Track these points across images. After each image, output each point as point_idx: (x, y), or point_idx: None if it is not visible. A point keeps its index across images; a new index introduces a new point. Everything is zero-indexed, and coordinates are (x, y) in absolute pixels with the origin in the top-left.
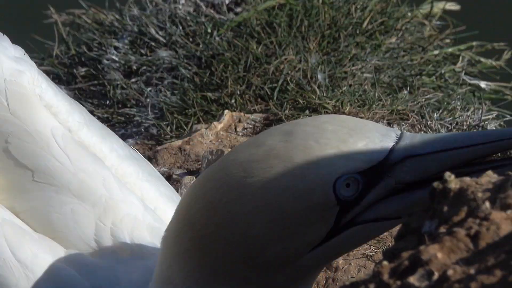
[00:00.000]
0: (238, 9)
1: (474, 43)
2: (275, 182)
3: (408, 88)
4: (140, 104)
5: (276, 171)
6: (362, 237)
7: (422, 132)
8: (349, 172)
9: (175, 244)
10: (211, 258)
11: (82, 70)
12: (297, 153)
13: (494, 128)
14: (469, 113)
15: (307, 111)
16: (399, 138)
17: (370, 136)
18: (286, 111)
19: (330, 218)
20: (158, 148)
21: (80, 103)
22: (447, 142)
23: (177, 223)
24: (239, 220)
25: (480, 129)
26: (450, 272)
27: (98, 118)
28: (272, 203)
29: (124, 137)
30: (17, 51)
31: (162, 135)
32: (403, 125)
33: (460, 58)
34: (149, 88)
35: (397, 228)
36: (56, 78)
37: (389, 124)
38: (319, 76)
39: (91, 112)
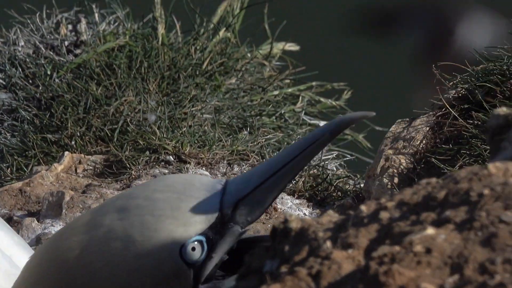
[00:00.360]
0: (78, 51)
1: (314, 83)
2: (124, 265)
3: (248, 129)
4: None
5: (121, 253)
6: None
7: None
8: (190, 237)
9: None
10: None
11: None
12: (136, 231)
13: (333, 165)
14: None
15: (147, 152)
16: (225, 187)
17: (199, 196)
18: (127, 152)
19: (188, 280)
20: None
21: None
22: (266, 170)
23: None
24: None
25: (321, 169)
26: None
27: None
28: (127, 285)
29: None
30: None
31: (2, 177)
32: (243, 165)
33: (300, 98)
34: None
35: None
36: None
37: (229, 164)
38: (152, 118)
39: None
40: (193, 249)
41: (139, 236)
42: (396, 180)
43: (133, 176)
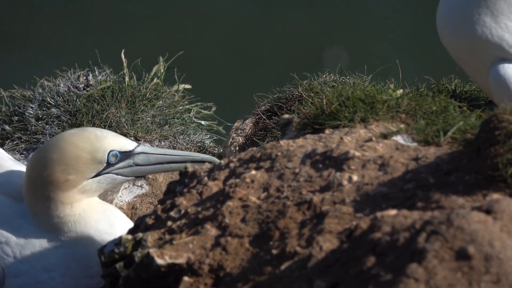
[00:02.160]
0: (88, 89)
1: (198, 103)
2: (82, 146)
3: (168, 125)
4: None
5: (83, 144)
6: (110, 179)
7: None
8: (115, 149)
9: (25, 186)
10: (35, 187)
11: None
12: (92, 137)
13: (208, 141)
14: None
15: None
16: (139, 144)
17: (127, 138)
18: None
19: (100, 167)
20: None
21: None
22: (162, 152)
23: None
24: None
25: (202, 143)
26: (189, 209)
27: None
28: (76, 156)
29: None
30: None
31: None
32: (165, 141)
33: (192, 110)
34: None
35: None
36: None
37: (159, 141)
38: (122, 120)
39: None
40: (113, 156)
41: (94, 140)
42: (237, 148)
43: None
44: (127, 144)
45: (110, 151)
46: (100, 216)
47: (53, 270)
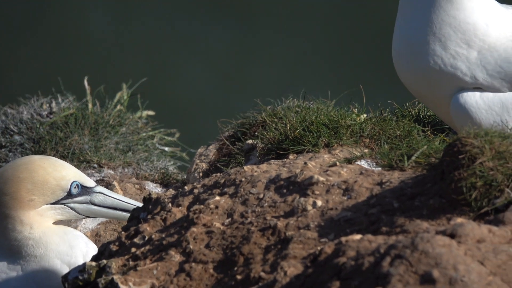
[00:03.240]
0: (51, 116)
1: (161, 130)
2: (50, 171)
3: (131, 152)
4: None
5: (51, 170)
6: (64, 211)
7: None
8: (78, 181)
9: None
10: None
11: None
12: (59, 165)
13: (172, 168)
14: None
15: (84, 163)
16: (98, 185)
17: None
18: (75, 162)
19: (61, 195)
20: None
21: None
22: (119, 198)
23: None
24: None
25: (166, 169)
26: (153, 236)
27: None
28: (44, 179)
29: None
30: None
31: None
32: (128, 168)
33: (155, 137)
34: None
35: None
36: None
37: (123, 168)
38: (86, 147)
39: None
40: (75, 187)
41: (54, 170)
42: (201, 174)
43: None
44: (88, 180)
45: (74, 181)
46: (60, 239)
47: None
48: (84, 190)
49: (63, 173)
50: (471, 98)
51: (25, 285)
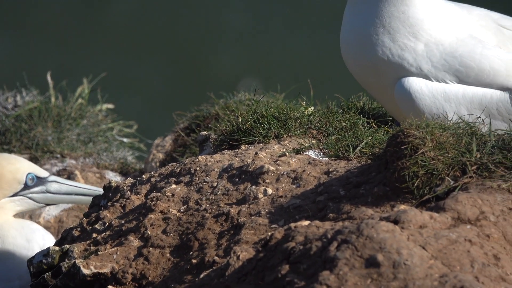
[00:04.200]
0: (16, 109)
1: (121, 121)
2: (4, 165)
3: (92, 142)
4: None
5: (5, 163)
6: (24, 202)
7: None
8: (32, 173)
9: None
10: None
11: None
12: (12, 159)
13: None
14: None
15: (47, 153)
16: (50, 175)
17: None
18: (39, 153)
19: (18, 188)
20: None
21: None
22: (73, 184)
23: None
24: None
25: (126, 159)
26: (113, 222)
27: None
28: (0, 174)
29: None
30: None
31: None
32: (89, 158)
33: (114, 128)
34: None
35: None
36: None
37: (84, 158)
38: (49, 138)
39: None
40: (30, 179)
41: (12, 163)
42: (158, 164)
43: (41, 163)
44: (42, 171)
45: (28, 173)
46: (17, 233)
47: None
48: (39, 180)
49: (17, 165)
50: (416, 84)
51: None
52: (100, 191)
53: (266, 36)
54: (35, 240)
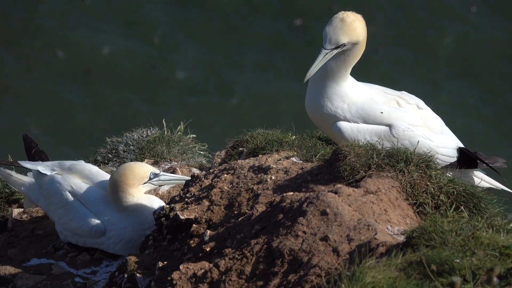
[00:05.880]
0: None
1: None
2: (138, 171)
3: None
4: None
5: (138, 170)
6: (148, 185)
7: None
8: (152, 172)
9: (109, 187)
10: (115, 187)
11: None
12: (140, 167)
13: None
14: None
15: None
16: (161, 171)
17: (155, 168)
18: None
19: (146, 180)
20: None
21: None
22: (171, 176)
23: None
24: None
25: None
26: (195, 193)
27: None
28: (137, 174)
29: None
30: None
31: None
32: None
33: None
34: None
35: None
36: None
37: None
38: None
39: None
40: (152, 174)
41: (140, 169)
42: (217, 164)
43: (159, 164)
44: (157, 170)
45: (151, 172)
46: (146, 201)
47: (126, 227)
48: (156, 175)
49: (146, 168)
50: (343, 125)
51: (131, 224)
52: (189, 178)
53: (273, 87)
54: (155, 204)
